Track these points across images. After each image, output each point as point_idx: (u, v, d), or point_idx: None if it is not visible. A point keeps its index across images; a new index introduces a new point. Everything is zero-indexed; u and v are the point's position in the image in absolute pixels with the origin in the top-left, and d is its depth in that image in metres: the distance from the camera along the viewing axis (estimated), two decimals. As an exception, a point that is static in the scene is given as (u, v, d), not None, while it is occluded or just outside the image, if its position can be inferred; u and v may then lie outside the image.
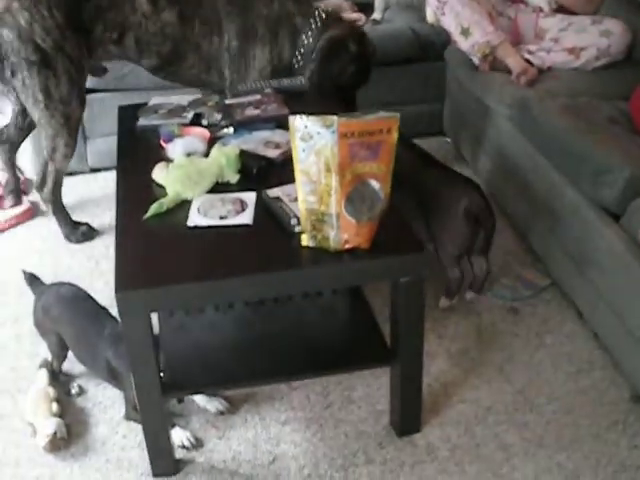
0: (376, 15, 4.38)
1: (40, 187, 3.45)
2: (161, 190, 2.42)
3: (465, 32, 3.66)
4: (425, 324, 2.30)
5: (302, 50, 3.41)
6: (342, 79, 3.45)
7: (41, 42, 3.05)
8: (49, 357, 2.73)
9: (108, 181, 3.81)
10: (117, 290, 2.03)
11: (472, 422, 2.52)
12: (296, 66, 3.45)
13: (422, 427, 2.48)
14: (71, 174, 3.86)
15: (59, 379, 2.69)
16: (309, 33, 3.38)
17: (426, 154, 3.08)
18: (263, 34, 3.34)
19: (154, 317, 2.22)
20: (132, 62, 3.45)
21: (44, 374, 2.65)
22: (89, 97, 3.76)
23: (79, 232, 3.56)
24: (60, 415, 2.52)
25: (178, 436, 2.43)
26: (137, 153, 2.76)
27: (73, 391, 2.67)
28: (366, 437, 2.47)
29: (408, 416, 2.46)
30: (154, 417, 2.26)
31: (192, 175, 2.40)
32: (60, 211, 3.50)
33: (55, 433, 2.43)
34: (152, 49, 3.33)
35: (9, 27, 3.03)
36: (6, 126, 3.68)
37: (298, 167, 2.03)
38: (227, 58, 3.35)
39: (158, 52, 3.34)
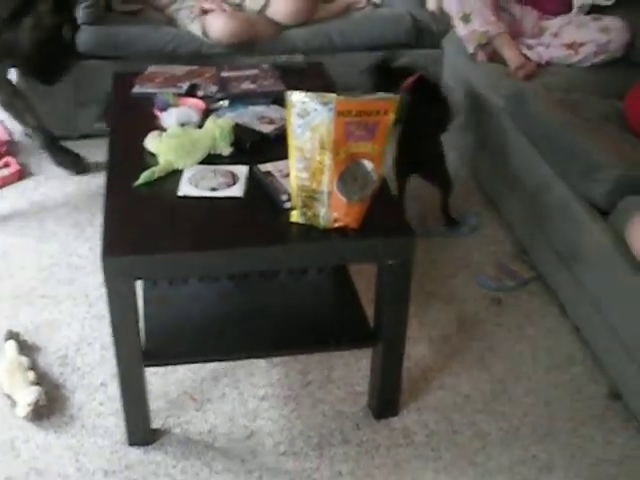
0: (376, -3, 4.35)
1: None
2: (153, 158, 2.40)
3: (466, 18, 3.65)
4: (408, 309, 2.31)
5: None
6: None
7: None
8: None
9: (99, 147, 3.77)
10: (104, 256, 2.02)
11: (450, 409, 2.52)
12: None
13: (400, 411, 2.49)
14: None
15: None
16: None
17: None
18: None
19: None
20: None
21: (12, 345, 2.63)
22: (84, 63, 3.75)
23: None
24: (38, 383, 2.50)
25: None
26: (130, 120, 2.73)
27: None
28: (343, 417, 2.48)
29: (386, 399, 2.46)
30: (134, 386, 2.25)
31: (185, 145, 2.39)
32: None
33: (37, 401, 2.41)
34: None
35: None
36: None
37: (293, 143, 2.03)
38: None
39: None
